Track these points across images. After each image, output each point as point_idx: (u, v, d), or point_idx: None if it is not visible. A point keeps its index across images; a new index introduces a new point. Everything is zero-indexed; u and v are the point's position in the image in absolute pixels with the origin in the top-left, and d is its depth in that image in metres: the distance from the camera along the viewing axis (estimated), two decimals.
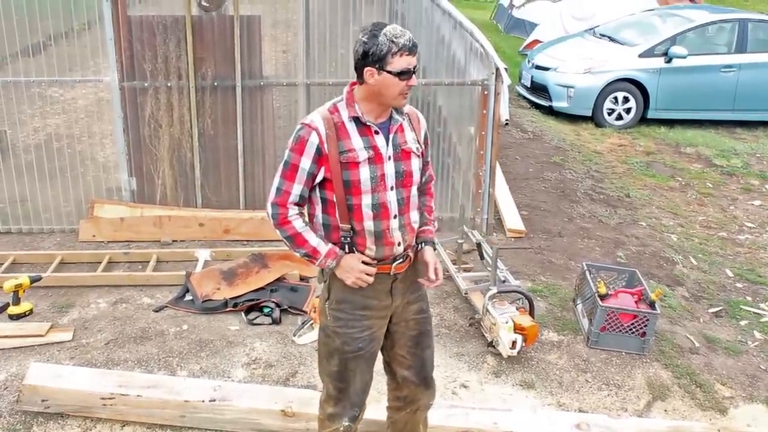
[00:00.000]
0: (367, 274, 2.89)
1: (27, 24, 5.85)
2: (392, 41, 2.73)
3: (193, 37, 5.94)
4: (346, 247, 2.91)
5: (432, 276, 3.08)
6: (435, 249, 3.20)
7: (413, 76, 2.80)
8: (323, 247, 2.89)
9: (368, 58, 2.76)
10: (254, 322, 4.94)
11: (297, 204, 2.89)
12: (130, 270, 5.63)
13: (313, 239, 2.89)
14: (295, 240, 2.89)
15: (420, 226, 3.13)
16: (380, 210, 2.88)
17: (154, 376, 4.17)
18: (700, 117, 10.66)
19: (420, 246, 3.12)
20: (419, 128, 3.04)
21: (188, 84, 6.03)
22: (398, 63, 2.74)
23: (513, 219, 6.73)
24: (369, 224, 2.88)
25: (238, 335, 4.79)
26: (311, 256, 2.89)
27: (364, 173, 2.84)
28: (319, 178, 2.87)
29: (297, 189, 2.87)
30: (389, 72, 2.75)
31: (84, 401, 3.88)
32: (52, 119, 6.53)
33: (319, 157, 2.83)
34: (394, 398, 3.32)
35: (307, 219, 2.95)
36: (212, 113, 6.15)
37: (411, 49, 2.76)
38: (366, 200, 2.86)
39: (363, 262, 2.90)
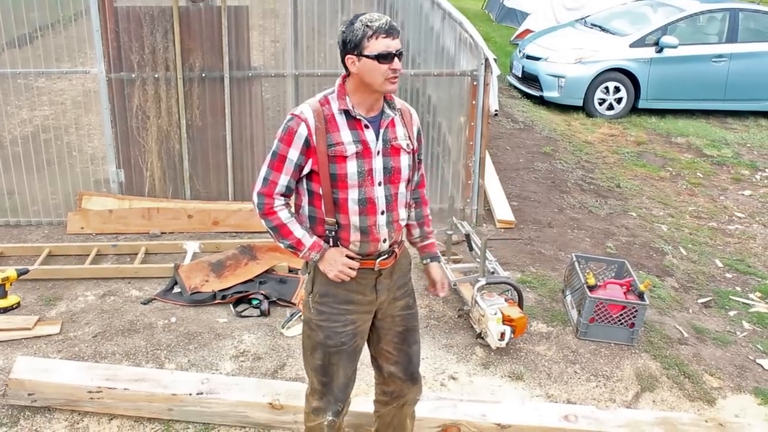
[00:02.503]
0: (350, 268, 2.88)
1: (13, 15, 5.80)
2: (367, 25, 2.70)
3: (181, 28, 5.90)
4: (331, 240, 2.90)
5: (440, 294, 3.30)
6: (440, 263, 3.34)
7: (396, 59, 2.74)
8: (308, 239, 2.87)
9: (347, 46, 2.74)
10: (243, 314, 4.94)
11: (283, 195, 2.87)
12: (118, 262, 5.60)
13: (298, 231, 2.87)
14: (280, 231, 2.87)
15: (422, 240, 3.27)
16: (367, 205, 2.85)
17: (141, 370, 4.16)
18: (691, 107, 10.69)
19: (427, 261, 3.27)
20: (411, 125, 3.00)
21: (176, 75, 5.99)
22: (375, 46, 2.70)
23: (503, 210, 6.73)
24: (355, 219, 2.85)
25: (226, 327, 4.78)
26: (295, 247, 2.87)
27: (352, 167, 2.80)
28: (306, 170, 2.84)
29: (284, 180, 2.84)
30: (367, 56, 2.71)
31: (71, 395, 3.87)
32: (40, 111, 6.48)
33: (307, 149, 2.80)
34: (381, 392, 3.32)
35: (293, 210, 2.93)
36: (200, 104, 6.11)
37: (388, 31, 2.71)
38: (352, 195, 2.83)
39: (347, 256, 2.88)
